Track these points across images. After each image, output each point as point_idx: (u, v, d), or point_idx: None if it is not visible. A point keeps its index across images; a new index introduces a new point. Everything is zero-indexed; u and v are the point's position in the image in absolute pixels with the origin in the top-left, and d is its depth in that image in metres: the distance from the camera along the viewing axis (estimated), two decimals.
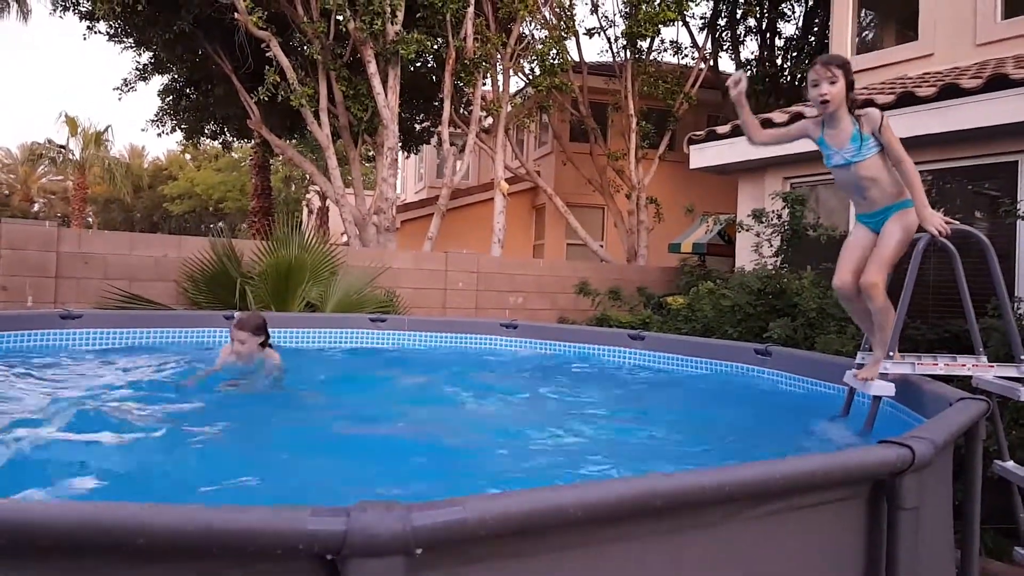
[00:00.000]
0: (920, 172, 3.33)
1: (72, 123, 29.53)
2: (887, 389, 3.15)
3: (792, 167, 8.30)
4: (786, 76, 14.73)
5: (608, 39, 12.82)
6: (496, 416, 3.81)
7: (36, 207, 41.46)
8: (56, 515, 1.00)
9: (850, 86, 3.26)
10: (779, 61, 14.83)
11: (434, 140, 15.05)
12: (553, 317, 9.46)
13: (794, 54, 14.89)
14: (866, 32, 9.62)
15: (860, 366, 3.55)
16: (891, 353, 3.24)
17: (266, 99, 10.25)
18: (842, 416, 3.63)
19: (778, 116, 8.25)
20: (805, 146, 7.83)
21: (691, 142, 8.99)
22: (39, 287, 6.65)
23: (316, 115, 10.41)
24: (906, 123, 6.35)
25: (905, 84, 7.60)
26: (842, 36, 9.15)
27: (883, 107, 6.91)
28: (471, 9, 10.42)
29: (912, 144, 4.14)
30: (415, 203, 17.75)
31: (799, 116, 7.89)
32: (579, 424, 3.62)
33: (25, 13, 22.99)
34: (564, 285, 9.74)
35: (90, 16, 11.57)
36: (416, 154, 17.46)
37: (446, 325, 6.43)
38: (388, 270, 8.33)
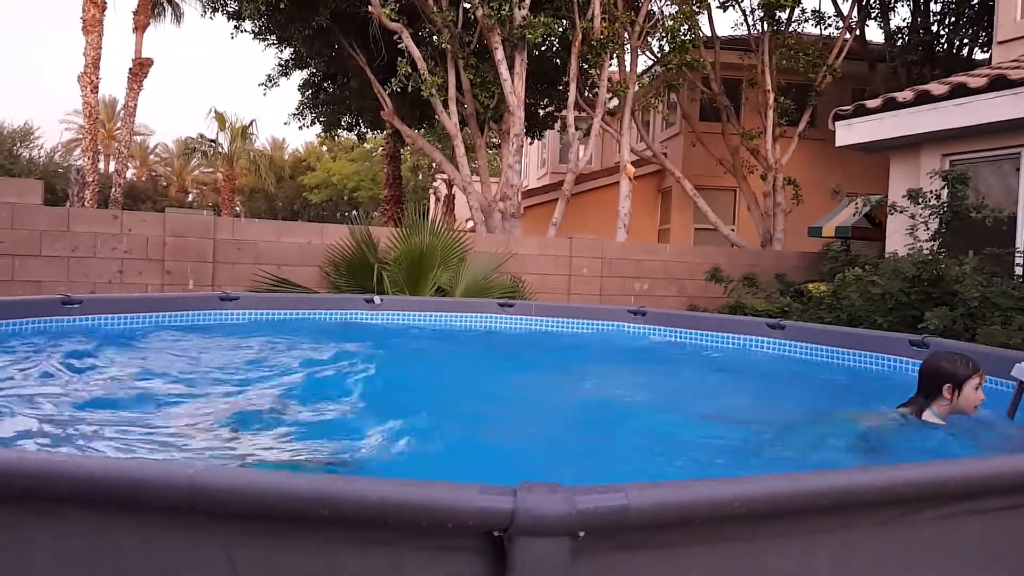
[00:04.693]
0: None
1: (220, 118, 31.83)
2: None
3: (952, 143, 7.62)
4: (942, 44, 13.50)
5: (743, 11, 12.22)
6: (627, 404, 3.75)
7: (190, 197, 45.19)
8: (247, 482, 1.08)
9: None
10: (935, 28, 13.60)
11: (558, 125, 15.01)
12: (681, 304, 9.23)
13: (952, 19, 13.60)
14: None
15: None
16: None
17: (398, 90, 10.59)
18: (1009, 414, 3.35)
19: (936, 88, 7.60)
20: (966, 119, 7.25)
21: (837, 118, 8.44)
22: (198, 271, 7.23)
23: (445, 104, 10.64)
24: None
25: None
26: None
27: None
28: None
29: None
30: (538, 189, 17.81)
31: (961, 87, 7.23)
32: (717, 417, 3.51)
33: (178, 16, 25.03)
34: (693, 271, 9.46)
35: (237, 16, 12.39)
36: (539, 140, 17.50)
37: (573, 311, 6.42)
38: (514, 256, 8.42)
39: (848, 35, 12.28)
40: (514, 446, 2.40)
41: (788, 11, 11.57)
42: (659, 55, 12.37)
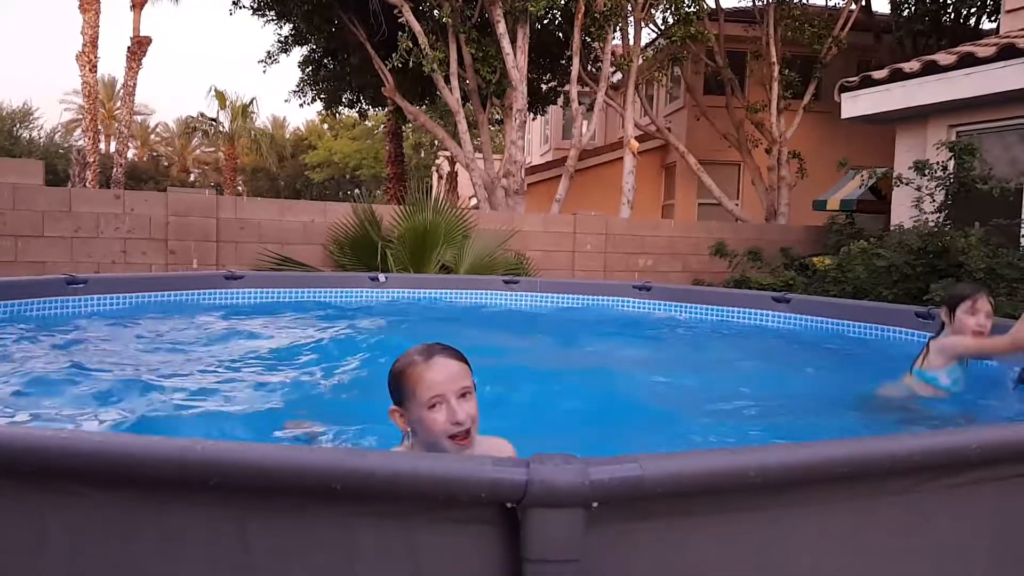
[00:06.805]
0: None
1: (221, 97, 31.54)
2: None
3: (959, 113, 7.53)
4: (949, 14, 13.30)
5: None
6: (636, 378, 3.75)
7: (192, 177, 44.98)
8: (257, 457, 1.07)
9: None
10: None
11: (561, 100, 14.86)
12: (685, 280, 9.20)
13: None
14: None
15: None
16: None
17: (399, 66, 10.47)
18: (1019, 383, 3.36)
19: (943, 58, 7.49)
20: (974, 89, 7.16)
21: (843, 89, 8.34)
22: (202, 250, 7.22)
23: (447, 79, 10.54)
24: None
25: None
26: None
27: None
28: None
29: None
30: (541, 165, 17.70)
31: (968, 56, 7.13)
32: (723, 389, 3.50)
33: None
34: (697, 246, 9.42)
35: None
36: (542, 115, 17.36)
37: (578, 287, 6.40)
38: (517, 233, 8.38)
39: (854, 6, 12.10)
40: (525, 419, 2.39)
41: None
42: (663, 27, 12.22)
